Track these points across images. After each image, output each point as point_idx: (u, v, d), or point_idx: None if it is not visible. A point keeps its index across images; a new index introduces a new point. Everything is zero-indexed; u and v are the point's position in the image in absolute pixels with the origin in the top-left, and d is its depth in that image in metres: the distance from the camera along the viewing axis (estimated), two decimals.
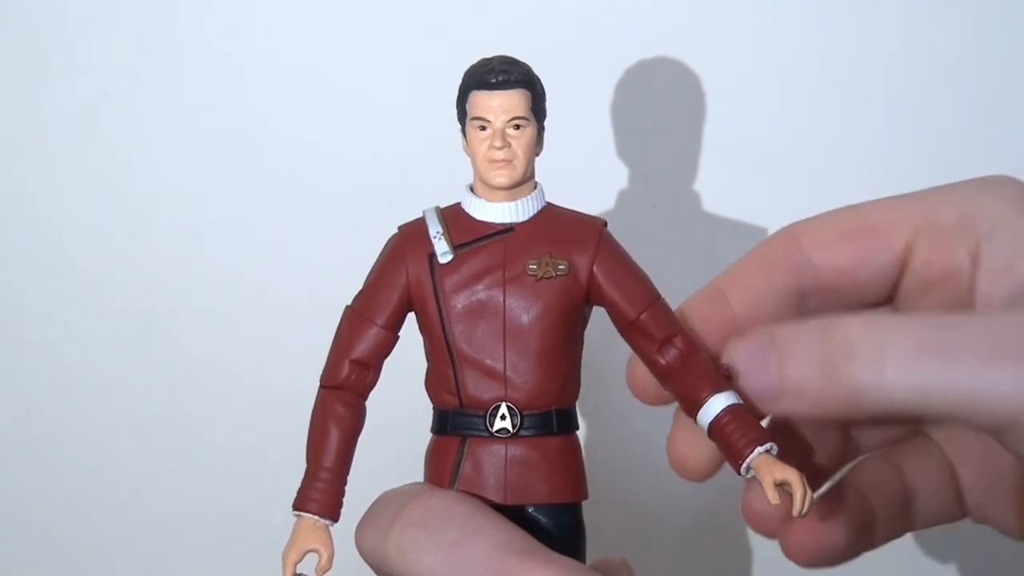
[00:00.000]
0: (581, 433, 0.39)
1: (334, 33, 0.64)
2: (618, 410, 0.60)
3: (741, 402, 0.36)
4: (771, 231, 0.63)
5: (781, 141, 0.64)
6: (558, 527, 0.37)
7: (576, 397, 0.39)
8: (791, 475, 0.34)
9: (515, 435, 0.37)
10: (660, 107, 0.64)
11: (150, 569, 0.67)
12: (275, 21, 0.64)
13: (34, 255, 0.66)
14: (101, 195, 0.65)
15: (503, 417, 0.37)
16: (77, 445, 0.67)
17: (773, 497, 0.34)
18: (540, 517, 0.37)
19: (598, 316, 0.39)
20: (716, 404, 0.36)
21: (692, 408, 0.36)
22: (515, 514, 0.37)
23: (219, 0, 0.64)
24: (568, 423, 0.38)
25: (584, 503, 0.38)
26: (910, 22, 0.63)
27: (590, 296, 0.38)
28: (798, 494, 0.34)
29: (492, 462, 0.37)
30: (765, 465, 0.35)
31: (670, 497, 0.64)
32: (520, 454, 0.37)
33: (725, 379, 0.36)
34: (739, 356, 0.35)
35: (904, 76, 0.64)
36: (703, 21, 0.63)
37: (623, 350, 0.39)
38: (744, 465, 0.35)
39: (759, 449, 0.35)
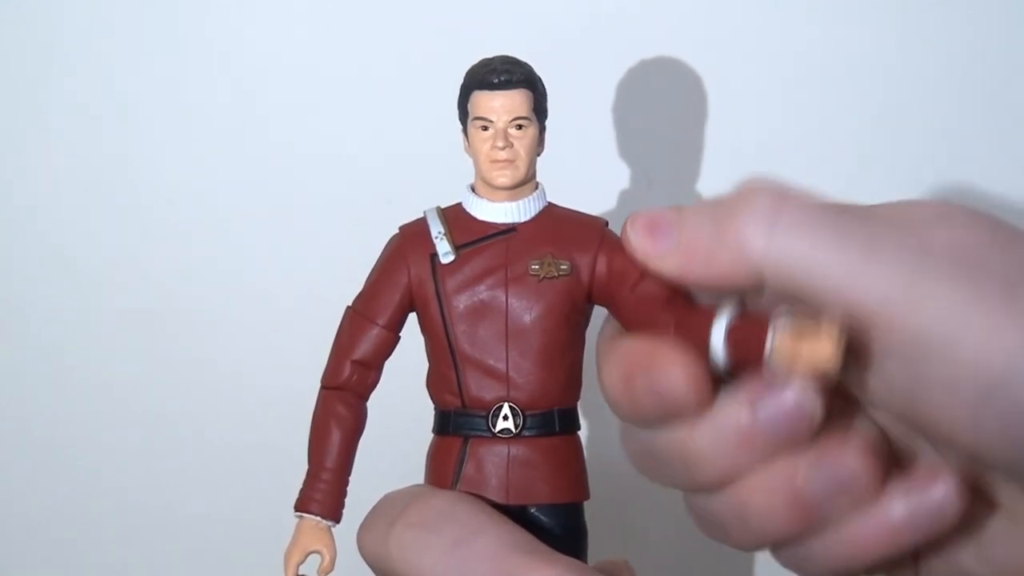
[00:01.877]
0: (582, 433, 0.39)
1: (334, 33, 0.64)
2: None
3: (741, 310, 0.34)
4: None
5: (782, 141, 0.64)
6: (560, 527, 0.37)
7: (578, 397, 0.39)
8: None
9: (517, 435, 0.37)
10: (662, 107, 0.64)
11: (151, 570, 0.67)
12: (275, 21, 0.64)
13: (34, 255, 0.66)
14: (101, 195, 0.65)
15: (506, 417, 0.37)
16: (77, 445, 0.67)
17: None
18: (542, 517, 0.37)
19: (598, 316, 0.39)
20: (726, 313, 0.34)
21: (702, 333, 0.34)
22: (517, 514, 0.37)
23: (220, 1, 0.64)
24: (570, 423, 0.38)
25: (586, 503, 0.38)
26: (910, 22, 0.63)
27: (592, 295, 0.38)
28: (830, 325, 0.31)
29: (494, 462, 0.37)
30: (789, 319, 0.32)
31: (670, 497, 0.64)
32: (522, 454, 0.37)
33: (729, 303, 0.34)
34: (642, 221, 0.35)
35: (905, 76, 0.64)
36: (705, 21, 0.63)
37: None
38: (770, 338, 0.32)
39: (781, 317, 0.32)
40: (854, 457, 0.32)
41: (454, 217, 0.38)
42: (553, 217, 0.38)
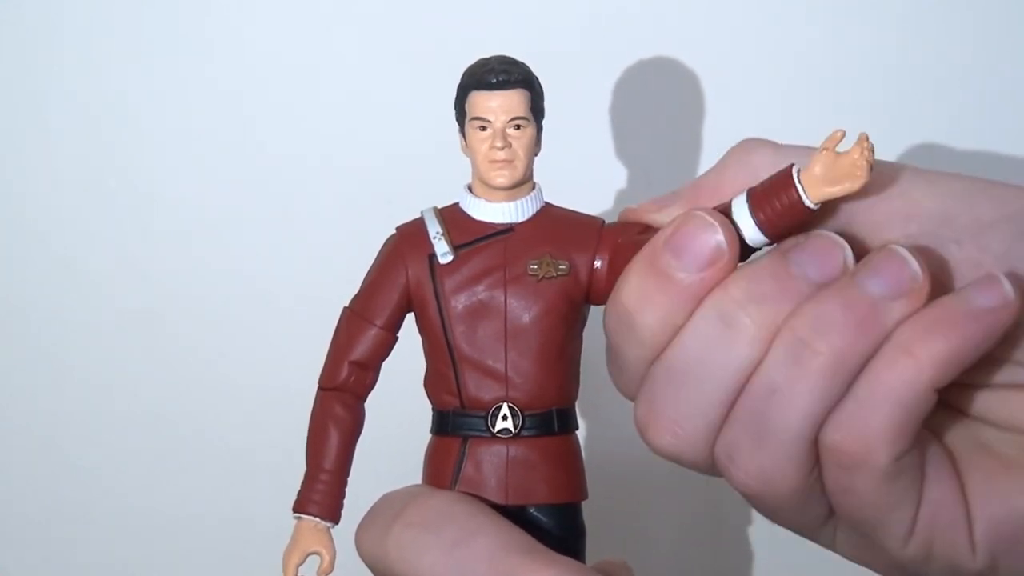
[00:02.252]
0: (581, 433, 0.39)
1: (334, 33, 0.64)
2: (618, 410, 0.60)
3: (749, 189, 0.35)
4: None
5: (781, 141, 0.64)
6: (559, 527, 0.37)
7: (576, 397, 0.39)
8: (833, 137, 0.34)
9: (516, 435, 0.37)
10: (660, 107, 0.64)
11: (150, 570, 0.67)
12: (275, 22, 0.64)
13: (34, 256, 0.66)
14: (101, 195, 0.65)
15: (505, 417, 0.37)
16: (77, 445, 0.67)
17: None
18: (541, 517, 0.37)
19: (597, 316, 0.39)
20: (739, 201, 0.34)
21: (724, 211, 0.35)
22: (516, 515, 0.37)
23: (219, 1, 0.64)
24: (568, 423, 0.38)
25: (584, 503, 0.38)
26: (910, 21, 0.63)
27: (590, 295, 0.38)
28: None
29: (494, 463, 0.37)
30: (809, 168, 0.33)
31: (670, 497, 0.64)
32: (521, 454, 0.37)
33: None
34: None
35: (904, 76, 0.64)
36: (703, 21, 0.63)
37: None
38: (796, 180, 0.33)
39: (795, 177, 0.33)
40: (906, 255, 0.32)
41: (452, 217, 0.38)
42: (551, 217, 0.38)
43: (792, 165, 0.34)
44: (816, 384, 0.32)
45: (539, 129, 0.38)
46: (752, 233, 0.34)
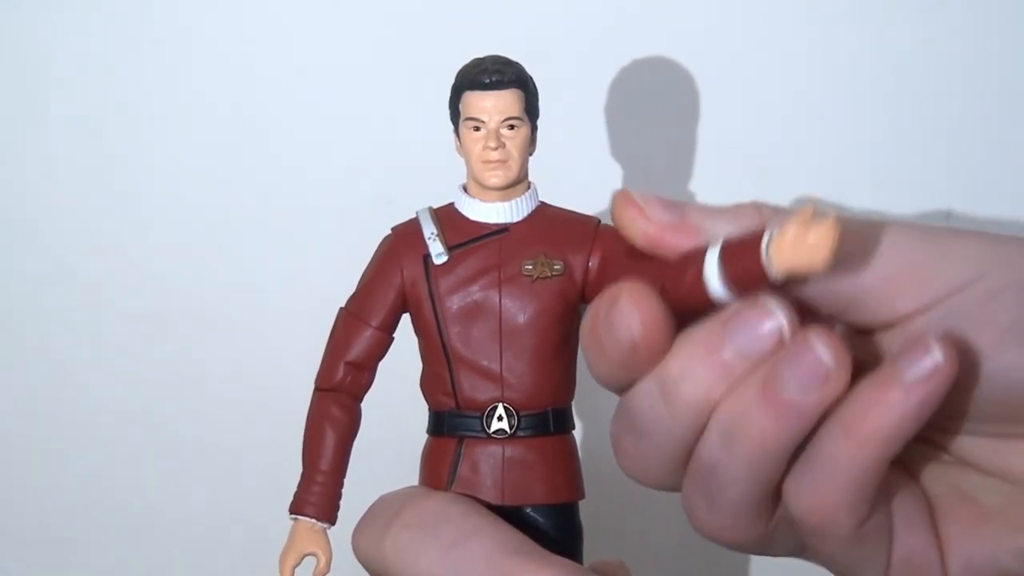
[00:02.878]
0: (577, 433, 0.39)
1: (333, 34, 0.64)
2: (615, 409, 0.60)
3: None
4: None
5: (780, 141, 0.64)
6: (556, 527, 0.37)
7: (572, 397, 0.39)
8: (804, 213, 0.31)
9: (512, 436, 0.37)
10: (659, 107, 0.64)
11: (149, 570, 0.67)
12: (274, 22, 0.64)
13: (34, 257, 0.66)
14: (101, 196, 0.65)
15: (500, 418, 0.37)
16: (77, 445, 0.67)
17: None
18: (537, 517, 0.37)
19: None
20: (714, 249, 0.32)
21: (696, 280, 0.32)
22: (512, 515, 0.36)
23: (219, 1, 0.64)
24: (564, 423, 0.38)
25: (581, 503, 0.38)
26: (910, 22, 0.63)
27: (586, 294, 0.38)
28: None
29: (489, 463, 0.37)
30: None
31: (668, 497, 0.63)
32: (517, 455, 0.37)
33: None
34: (648, 195, 0.35)
35: (904, 76, 0.63)
36: (701, 21, 0.63)
37: None
38: (764, 248, 0.31)
39: (764, 239, 0.31)
40: (821, 348, 0.31)
41: (447, 217, 0.38)
42: (546, 217, 0.38)
43: (765, 230, 0.31)
44: (750, 466, 0.32)
45: (534, 129, 0.38)
46: (718, 289, 0.32)
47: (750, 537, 0.34)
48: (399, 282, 0.38)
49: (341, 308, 0.39)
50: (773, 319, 0.31)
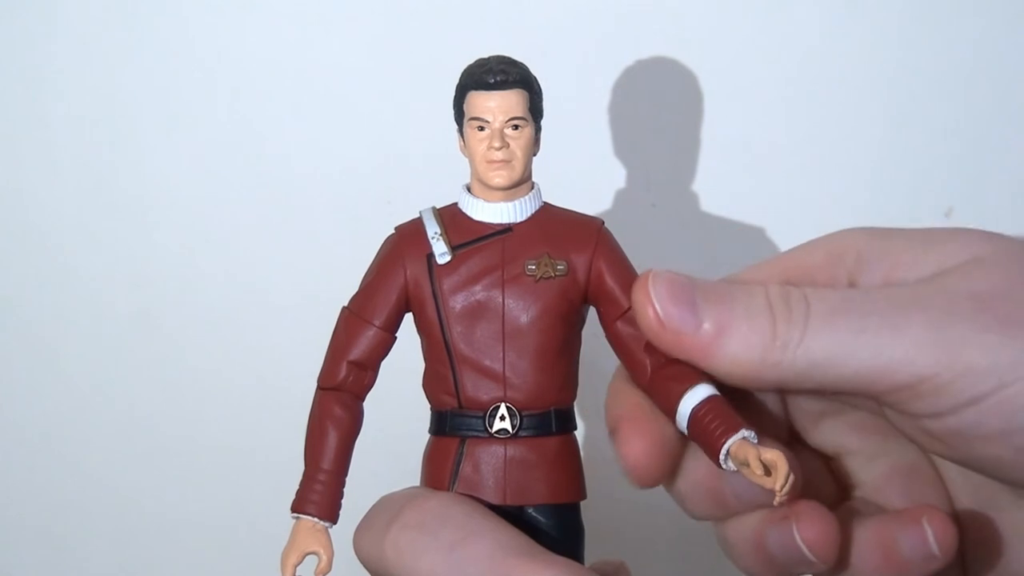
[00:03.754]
0: (580, 433, 0.39)
1: (333, 34, 0.64)
2: None
3: (719, 394, 0.35)
4: (770, 231, 0.64)
5: (781, 141, 0.64)
6: (557, 527, 0.37)
7: (574, 397, 0.39)
8: (775, 455, 0.33)
9: (514, 435, 0.37)
10: (661, 108, 0.64)
11: (149, 570, 0.67)
12: (274, 23, 0.64)
13: (33, 257, 0.66)
14: (100, 197, 0.65)
15: (502, 418, 0.37)
16: (77, 446, 0.67)
17: (762, 478, 0.33)
18: (539, 517, 0.37)
19: (595, 316, 0.39)
20: (699, 393, 0.35)
21: (672, 401, 0.35)
22: (514, 515, 0.36)
23: (219, 2, 0.64)
24: (567, 423, 0.38)
25: (583, 503, 0.38)
26: (911, 24, 0.63)
27: (588, 295, 0.38)
28: (782, 471, 0.33)
29: (491, 463, 0.37)
30: (746, 447, 0.33)
31: (668, 497, 0.63)
32: (519, 454, 0.37)
33: (704, 375, 0.35)
34: (662, 283, 0.34)
35: (904, 77, 0.63)
36: (704, 21, 0.63)
37: None
38: (724, 451, 0.34)
39: (737, 435, 0.34)
40: (813, 536, 0.33)
41: (450, 217, 0.38)
42: (549, 217, 0.38)
43: (735, 434, 0.34)
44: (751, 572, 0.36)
45: (538, 129, 0.38)
46: (681, 427, 0.35)
47: None
48: (402, 281, 0.38)
49: (344, 307, 0.39)
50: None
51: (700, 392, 0.35)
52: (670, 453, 0.35)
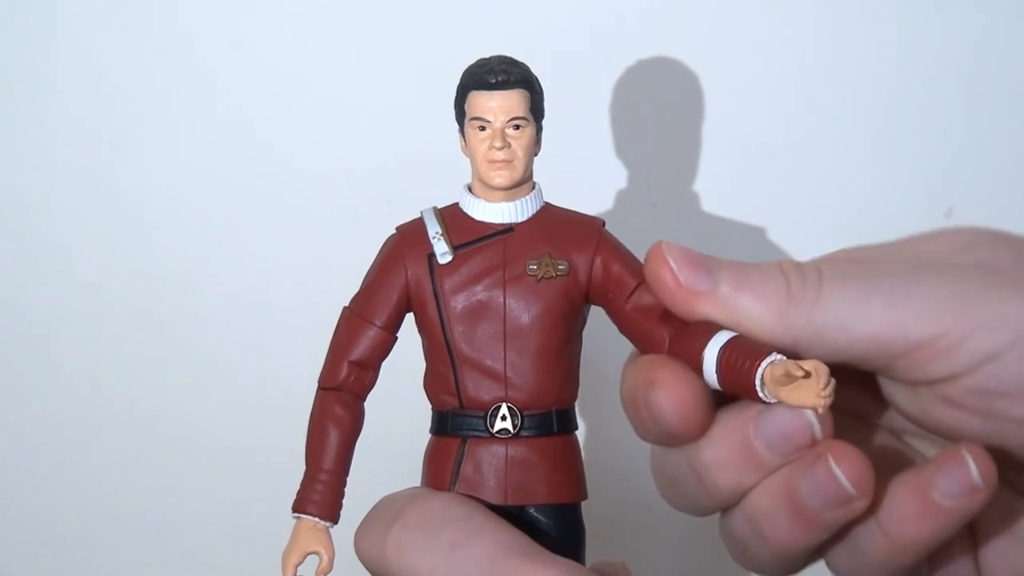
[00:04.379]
0: (580, 433, 0.39)
1: (333, 34, 0.64)
2: (618, 410, 0.60)
3: (739, 335, 0.35)
4: (771, 231, 0.64)
5: (782, 142, 0.64)
6: (558, 527, 0.37)
7: (575, 397, 0.39)
8: (811, 361, 0.33)
9: (515, 435, 0.37)
10: (661, 107, 0.64)
11: (149, 570, 0.67)
12: (275, 22, 0.64)
13: (32, 258, 0.66)
14: (100, 196, 0.65)
15: (504, 418, 0.37)
16: (76, 446, 0.67)
17: (802, 393, 0.32)
18: (540, 517, 0.37)
19: (597, 316, 0.39)
20: (719, 339, 0.34)
21: (695, 355, 0.35)
22: (515, 515, 0.36)
23: (219, 2, 0.64)
24: (568, 423, 0.38)
25: (583, 503, 0.38)
26: (911, 23, 0.63)
27: (589, 295, 0.38)
28: (822, 371, 0.32)
29: (493, 463, 0.37)
30: (778, 365, 0.33)
31: None
32: (520, 454, 0.37)
33: (720, 326, 0.35)
34: (676, 249, 0.35)
35: (904, 77, 0.63)
36: (704, 21, 0.63)
37: (622, 350, 0.39)
38: (758, 378, 0.33)
39: (768, 359, 0.33)
40: (841, 472, 0.32)
41: (451, 217, 0.38)
42: (550, 217, 0.38)
43: (766, 358, 0.33)
44: (776, 553, 0.34)
45: (539, 129, 0.38)
46: (712, 379, 0.35)
47: (789, 571, 0.36)
48: (403, 281, 0.38)
49: (345, 307, 0.39)
50: (802, 421, 0.33)
51: (720, 338, 0.34)
52: (708, 405, 0.35)
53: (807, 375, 0.32)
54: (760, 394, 0.33)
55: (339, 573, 0.37)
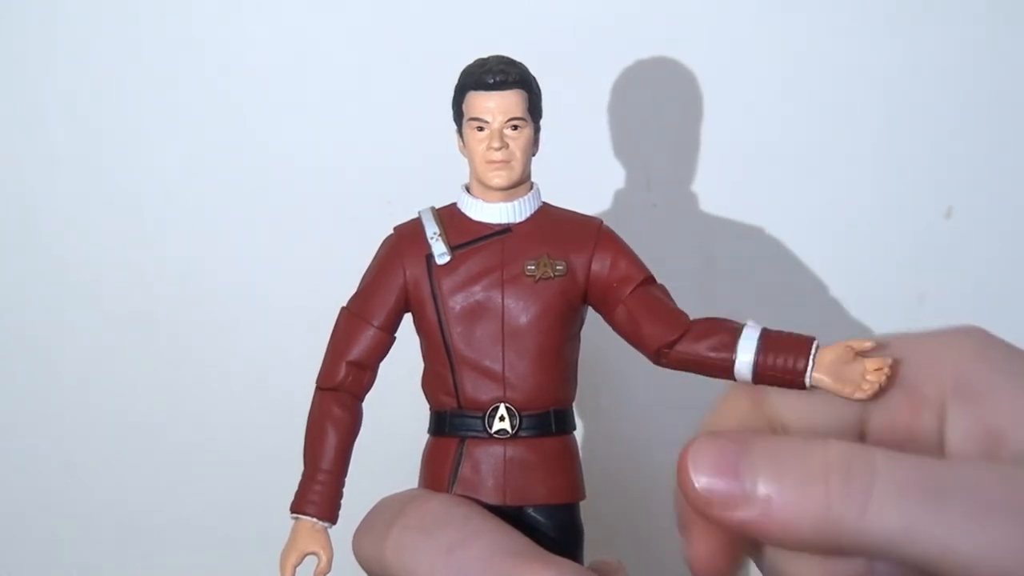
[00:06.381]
0: (579, 433, 0.39)
1: (333, 34, 0.64)
2: (616, 410, 0.60)
3: (765, 328, 0.36)
4: (770, 231, 0.64)
5: (781, 141, 0.64)
6: (556, 528, 0.37)
7: (573, 397, 0.39)
8: (857, 341, 0.34)
9: (514, 436, 0.37)
10: (661, 108, 0.64)
11: (149, 570, 0.67)
12: (274, 22, 0.64)
13: (32, 259, 0.66)
14: (100, 196, 0.65)
15: (502, 418, 0.37)
16: (76, 447, 0.67)
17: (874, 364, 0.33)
18: (539, 518, 0.37)
19: (596, 316, 0.39)
20: (749, 339, 0.36)
21: (723, 365, 0.36)
22: (514, 515, 0.36)
23: (218, 1, 0.64)
24: (566, 423, 0.38)
25: (582, 503, 0.38)
26: (910, 25, 0.63)
27: (588, 295, 0.38)
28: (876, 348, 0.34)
29: (491, 463, 0.37)
30: (826, 351, 0.34)
31: (668, 497, 0.63)
32: (519, 455, 0.37)
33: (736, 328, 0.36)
34: (705, 452, 0.31)
35: (904, 77, 0.63)
36: (704, 22, 0.63)
37: (622, 351, 0.39)
38: (808, 374, 0.34)
39: (812, 351, 0.35)
40: None
41: (449, 217, 0.38)
42: (549, 217, 0.38)
43: (814, 339, 0.34)
44: None
45: (537, 129, 0.38)
46: (743, 370, 0.36)
47: None
48: (401, 282, 0.38)
49: (343, 308, 0.39)
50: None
51: (750, 337, 0.36)
52: (735, 552, 0.34)
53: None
54: (808, 385, 0.35)
55: (338, 574, 0.37)
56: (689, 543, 0.34)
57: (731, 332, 0.36)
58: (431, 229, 0.38)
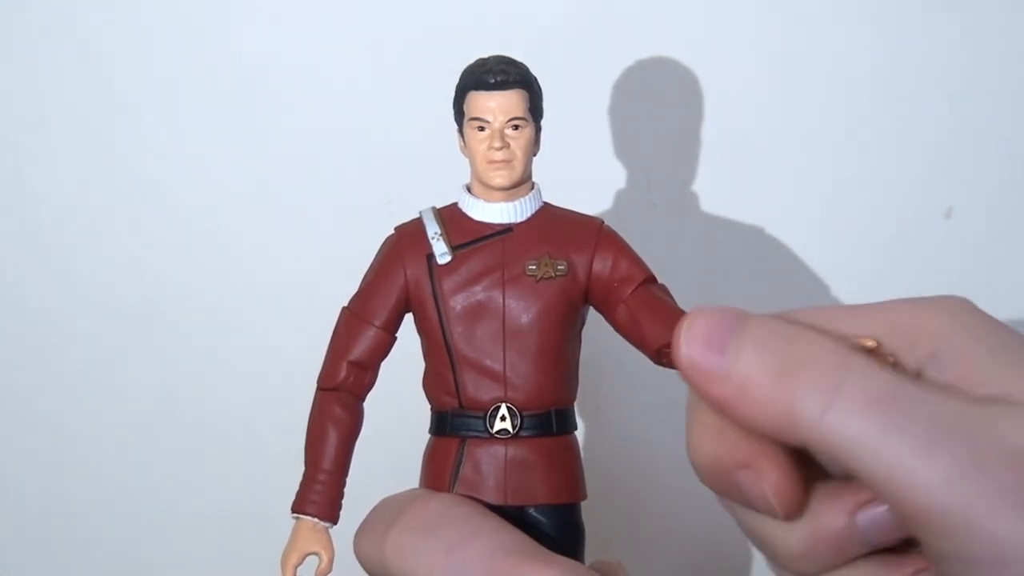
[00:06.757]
0: (580, 433, 0.39)
1: (334, 34, 0.64)
2: (617, 410, 0.60)
3: None
4: (770, 231, 0.64)
5: (781, 142, 0.64)
6: (557, 527, 0.37)
7: (574, 397, 0.39)
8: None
9: (515, 436, 0.37)
10: (661, 108, 0.64)
11: (149, 569, 0.67)
12: (276, 23, 0.64)
13: (34, 255, 0.66)
14: (101, 195, 0.65)
15: (503, 418, 0.37)
16: (77, 444, 0.66)
17: None
18: (540, 517, 0.37)
19: (596, 316, 0.39)
20: None
21: None
22: (515, 515, 0.36)
23: (220, 2, 0.64)
24: (567, 423, 0.38)
25: (583, 503, 0.38)
26: (911, 24, 0.63)
27: (589, 294, 0.38)
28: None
29: (492, 463, 0.37)
30: None
31: (668, 497, 0.64)
32: (520, 455, 0.37)
33: None
34: (700, 322, 0.30)
35: (905, 77, 0.63)
36: (704, 22, 0.63)
37: (622, 351, 0.39)
38: None
39: None
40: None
41: (450, 217, 0.38)
42: (550, 217, 0.38)
43: None
44: None
45: (538, 129, 0.38)
46: None
47: None
48: (402, 282, 0.38)
49: (344, 308, 0.39)
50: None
51: None
52: (803, 483, 0.33)
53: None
54: None
55: (339, 574, 0.37)
56: (765, 475, 0.32)
57: None
58: (432, 229, 0.38)
